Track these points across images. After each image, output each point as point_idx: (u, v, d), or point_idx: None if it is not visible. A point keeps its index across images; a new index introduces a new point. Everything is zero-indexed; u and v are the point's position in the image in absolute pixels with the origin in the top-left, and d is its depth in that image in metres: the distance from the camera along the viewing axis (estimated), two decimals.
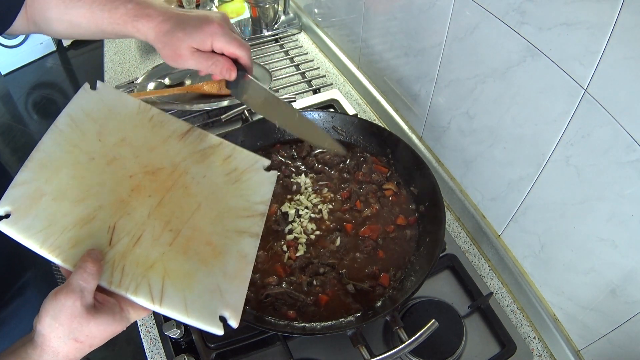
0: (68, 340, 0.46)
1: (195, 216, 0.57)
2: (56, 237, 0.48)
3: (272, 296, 0.78)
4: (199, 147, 0.63)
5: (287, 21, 1.54)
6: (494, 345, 0.81)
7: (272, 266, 0.83)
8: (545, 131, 0.70)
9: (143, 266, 0.50)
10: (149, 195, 0.55)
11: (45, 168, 0.51)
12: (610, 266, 0.66)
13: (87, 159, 0.55)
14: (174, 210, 0.56)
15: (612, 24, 0.54)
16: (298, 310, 0.78)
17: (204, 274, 0.53)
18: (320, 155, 1.00)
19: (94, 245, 0.50)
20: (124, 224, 0.52)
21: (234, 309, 0.53)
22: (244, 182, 0.64)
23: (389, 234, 0.88)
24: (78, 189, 0.52)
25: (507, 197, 0.84)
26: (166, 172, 0.58)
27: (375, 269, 0.82)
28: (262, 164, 0.69)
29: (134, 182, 0.55)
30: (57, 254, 0.48)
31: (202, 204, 0.58)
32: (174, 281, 0.51)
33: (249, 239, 0.58)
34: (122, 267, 0.49)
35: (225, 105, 1.16)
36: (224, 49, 0.65)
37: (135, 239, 0.51)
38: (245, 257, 0.57)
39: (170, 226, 0.54)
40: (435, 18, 0.88)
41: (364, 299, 0.79)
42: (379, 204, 0.92)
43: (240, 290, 0.54)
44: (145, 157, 0.58)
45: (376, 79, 1.23)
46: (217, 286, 0.53)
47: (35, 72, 3.30)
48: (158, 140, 0.61)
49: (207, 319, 0.51)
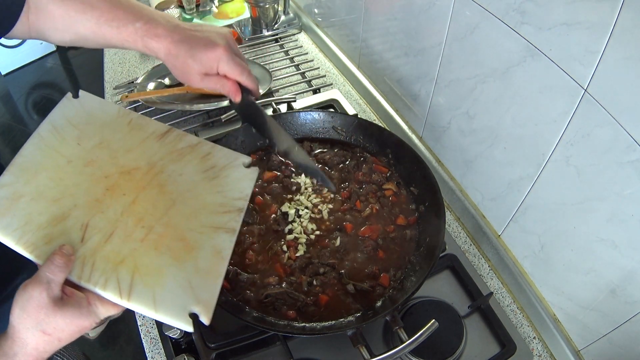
0: (36, 332, 0.47)
1: (170, 213, 0.57)
2: (31, 234, 0.50)
3: (272, 296, 0.78)
4: (177, 146, 0.64)
5: (287, 21, 1.54)
6: (494, 345, 0.81)
7: (272, 266, 0.83)
8: (545, 131, 0.70)
9: (113, 262, 0.51)
10: (123, 194, 0.57)
11: (26, 171, 0.54)
12: (610, 266, 0.66)
13: (66, 162, 0.57)
14: (148, 207, 0.57)
15: (612, 24, 0.54)
16: (298, 310, 0.78)
17: (176, 269, 0.53)
18: (320, 155, 1.00)
19: (67, 242, 0.51)
20: (97, 222, 0.54)
21: (205, 305, 0.52)
22: (222, 179, 0.64)
23: (389, 234, 0.88)
24: (55, 189, 0.55)
25: (507, 197, 0.84)
26: (142, 171, 0.59)
27: (375, 269, 0.82)
28: (243, 161, 0.69)
29: (110, 182, 0.57)
30: (31, 250, 0.50)
31: (177, 201, 0.59)
32: (143, 277, 0.51)
33: (225, 235, 0.58)
34: (92, 262, 0.51)
35: (225, 105, 1.16)
36: (227, 74, 0.68)
37: (107, 236, 0.53)
38: (219, 252, 0.57)
39: (143, 223, 0.55)
40: (435, 18, 0.88)
41: (364, 299, 0.79)
42: (379, 204, 0.92)
43: (212, 286, 0.54)
44: (122, 158, 0.60)
45: (376, 79, 1.23)
46: (188, 282, 0.53)
47: (35, 72, 3.29)
48: (136, 142, 0.62)
49: (177, 314, 0.51)
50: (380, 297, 0.79)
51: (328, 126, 1.03)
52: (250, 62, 1.32)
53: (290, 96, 1.15)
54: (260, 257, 0.84)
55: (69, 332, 0.48)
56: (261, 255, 0.85)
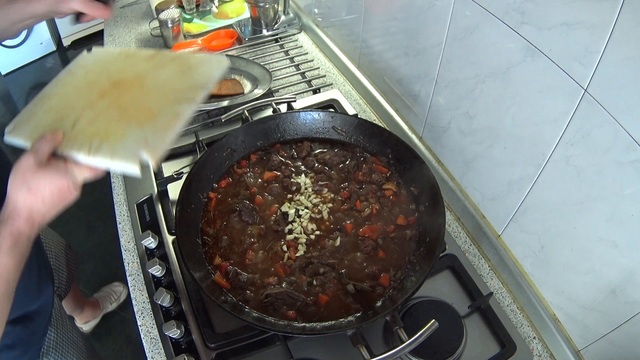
0: (23, 190, 0.56)
1: (143, 98, 0.68)
2: (37, 133, 0.63)
3: (272, 296, 0.78)
4: (162, 61, 0.74)
5: (287, 21, 1.54)
6: (494, 345, 0.81)
7: (272, 266, 0.83)
8: (545, 131, 0.70)
9: (90, 135, 0.62)
10: (111, 95, 0.69)
11: (42, 99, 0.69)
12: (610, 266, 0.66)
13: (72, 87, 0.71)
14: (127, 99, 0.68)
15: (612, 24, 0.54)
16: (298, 310, 0.78)
17: (137, 130, 0.62)
18: (320, 155, 1.00)
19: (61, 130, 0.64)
20: (86, 114, 0.66)
21: (153, 149, 0.59)
22: (194, 71, 0.72)
23: (389, 234, 0.88)
24: (60, 104, 0.68)
25: (507, 197, 0.84)
26: (129, 80, 0.70)
27: (375, 269, 0.82)
28: (219, 60, 0.73)
29: (103, 90, 0.69)
30: (32, 141, 0.62)
31: (152, 90, 0.68)
32: (110, 139, 0.61)
33: (186, 104, 0.66)
34: (74, 138, 0.62)
35: (225, 105, 1.16)
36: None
37: (92, 122, 0.64)
38: (177, 115, 0.64)
39: (122, 109, 0.66)
40: (435, 18, 0.88)
41: (364, 299, 0.79)
42: (379, 204, 0.92)
43: (163, 136, 0.61)
44: (115, 76, 0.71)
45: (376, 79, 1.23)
46: (144, 138, 0.61)
47: (35, 72, 3.29)
48: (128, 65, 0.73)
49: (127, 159, 0.59)
50: (380, 297, 0.79)
51: (328, 126, 1.03)
52: (250, 62, 1.32)
53: (290, 96, 1.15)
54: (260, 257, 0.84)
55: (50, 191, 0.57)
56: (261, 255, 0.85)
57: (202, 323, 0.80)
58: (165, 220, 0.97)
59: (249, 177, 0.97)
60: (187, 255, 0.79)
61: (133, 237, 0.97)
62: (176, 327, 0.78)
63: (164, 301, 0.82)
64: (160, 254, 0.91)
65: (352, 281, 0.80)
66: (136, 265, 0.93)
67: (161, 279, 0.88)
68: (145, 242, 0.91)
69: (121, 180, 1.09)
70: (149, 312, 0.86)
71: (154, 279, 0.88)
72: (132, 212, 1.00)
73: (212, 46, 1.46)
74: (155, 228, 0.95)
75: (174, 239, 0.93)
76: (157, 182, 1.02)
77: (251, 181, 0.97)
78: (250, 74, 1.29)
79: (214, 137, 1.11)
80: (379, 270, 0.82)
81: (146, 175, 1.05)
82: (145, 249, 0.92)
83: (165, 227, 0.95)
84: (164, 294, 0.82)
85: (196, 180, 0.92)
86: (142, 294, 0.88)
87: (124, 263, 0.93)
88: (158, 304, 0.83)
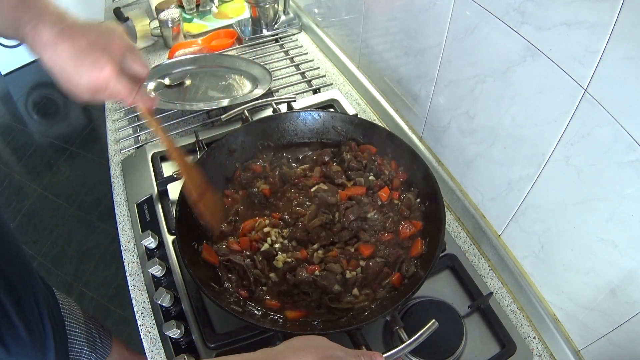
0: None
1: None
2: None
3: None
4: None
5: (287, 21, 1.54)
6: (494, 345, 0.81)
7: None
8: (545, 131, 0.70)
9: None
10: None
11: None
12: (610, 266, 0.66)
13: None
14: None
15: (612, 24, 0.54)
16: (298, 308, 0.78)
17: None
18: (320, 155, 1.00)
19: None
20: None
21: None
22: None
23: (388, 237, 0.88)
24: None
25: (507, 197, 0.84)
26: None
27: (386, 270, 0.82)
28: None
29: None
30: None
31: None
32: None
33: None
34: None
35: (225, 105, 1.16)
36: (117, 95, 0.68)
37: None
38: None
39: None
40: (435, 18, 0.88)
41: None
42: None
43: None
44: None
45: (376, 79, 1.23)
46: None
47: (35, 72, 3.29)
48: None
49: None
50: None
51: (328, 126, 1.03)
52: (250, 62, 1.32)
53: (290, 96, 1.15)
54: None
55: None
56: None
57: (202, 323, 0.80)
58: (165, 220, 0.97)
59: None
60: (187, 255, 0.79)
61: (133, 237, 0.97)
62: (176, 327, 0.78)
63: (164, 301, 0.82)
64: (160, 254, 0.91)
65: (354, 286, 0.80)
66: (136, 265, 0.93)
67: (161, 279, 0.88)
68: (145, 242, 0.91)
69: (121, 180, 1.09)
70: (149, 312, 0.86)
71: (154, 279, 0.88)
72: (132, 212, 1.00)
73: (212, 46, 1.46)
74: (155, 228, 0.95)
75: (174, 239, 0.93)
76: (157, 182, 1.02)
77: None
78: (250, 74, 1.29)
79: (214, 137, 1.11)
80: (390, 270, 0.82)
81: (146, 175, 1.05)
82: (145, 249, 0.92)
83: (165, 227, 0.96)
84: (164, 294, 0.82)
85: None
86: (142, 294, 0.88)
87: (124, 263, 0.94)
88: (158, 304, 0.83)
